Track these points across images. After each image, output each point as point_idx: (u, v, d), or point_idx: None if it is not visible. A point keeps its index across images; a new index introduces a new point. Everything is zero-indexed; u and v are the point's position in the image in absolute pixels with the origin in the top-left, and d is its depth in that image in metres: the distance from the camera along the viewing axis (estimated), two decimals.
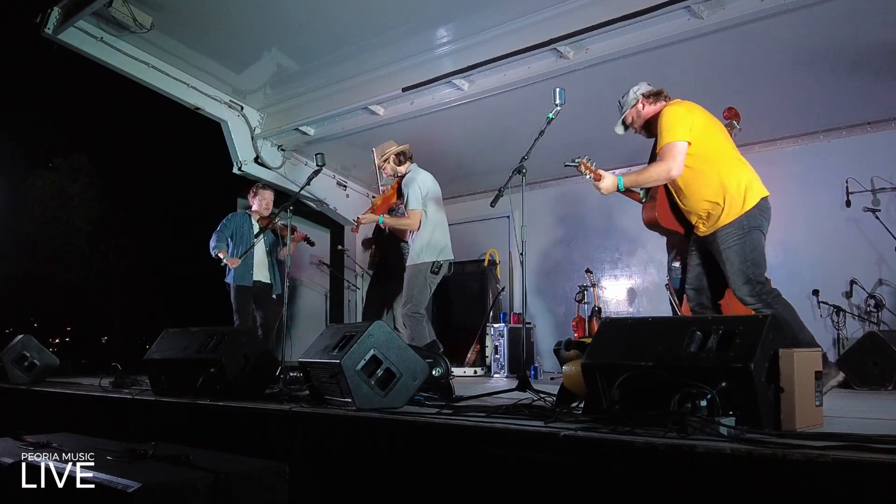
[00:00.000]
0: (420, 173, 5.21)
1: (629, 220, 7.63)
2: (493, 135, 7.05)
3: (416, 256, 5.05)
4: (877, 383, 4.65)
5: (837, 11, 4.86)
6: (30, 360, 5.57)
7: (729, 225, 3.43)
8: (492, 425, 2.49)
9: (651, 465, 2.00)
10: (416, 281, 4.98)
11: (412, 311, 4.94)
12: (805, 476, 1.75)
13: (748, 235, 3.40)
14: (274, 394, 3.90)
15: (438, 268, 4.97)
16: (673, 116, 3.49)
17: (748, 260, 3.39)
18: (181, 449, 2.64)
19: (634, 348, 2.52)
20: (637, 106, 3.76)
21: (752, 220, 3.42)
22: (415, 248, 5.09)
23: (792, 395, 2.23)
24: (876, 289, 5.89)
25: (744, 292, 3.38)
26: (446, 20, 6.07)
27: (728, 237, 3.43)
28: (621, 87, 3.71)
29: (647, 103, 3.72)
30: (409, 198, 5.08)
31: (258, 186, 6.52)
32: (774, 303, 3.33)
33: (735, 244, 3.40)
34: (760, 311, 3.33)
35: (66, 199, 19.37)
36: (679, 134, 3.44)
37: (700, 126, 3.48)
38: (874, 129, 5.99)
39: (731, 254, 3.41)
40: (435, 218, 5.09)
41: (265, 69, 7.18)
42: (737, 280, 3.40)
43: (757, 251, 3.41)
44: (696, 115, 3.51)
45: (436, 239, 5.03)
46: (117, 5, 6.11)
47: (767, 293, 3.37)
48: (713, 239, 3.51)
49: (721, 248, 3.46)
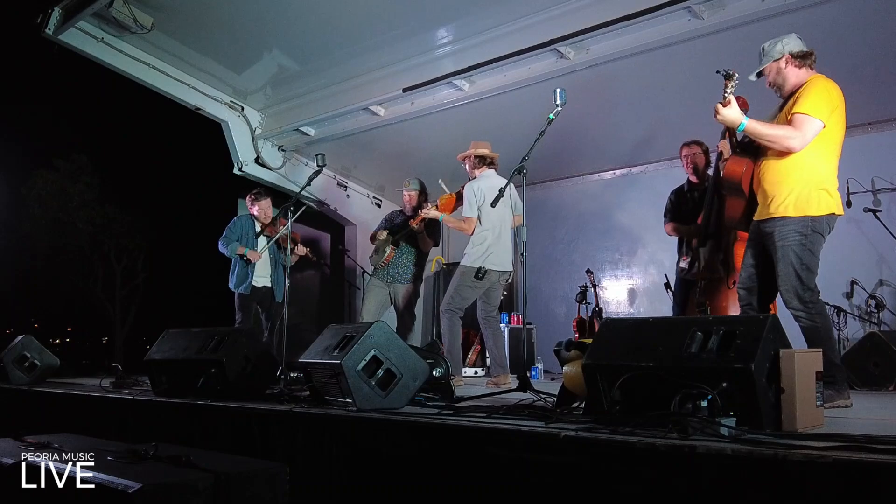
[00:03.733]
0: (484, 181, 5.27)
1: (630, 220, 7.64)
2: (493, 135, 7.01)
3: (465, 258, 5.25)
4: (877, 384, 4.65)
5: (837, 12, 4.86)
6: (30, 361, 5.58)
7: (794, 220, 3.29)
8: (492, 426, 2.49)
9: (652, 466, 2.00)
10: (459, 281, 5.19)
11: (449, 307, 5.17)
12: (806, 477, 1.75)
13: (810, 238, 3.27)
14: (274, 394, 3.91)
15: (483, 274, 5.11)
16: (825, 93, 3.28)
17: (804, 263, 3.26)
18: (182, 449, 2.64)
19: (635, 349, 2.52)
20: (780, 62, 3.42)
21: (817, 226, 3.29)
22: (467, 251, 5.29)
23: (793, 396, 2.23)
24: (876, 289, 5.89)
25: (791, 295, 3.27)
26: (447, 21, 6.07)
27: (789, 233, 3.29)
28: (621, 88, 3.71)
29: (792, 64, 3.41)
30: (464, 204, 5.29)
31: (254, 196, 6.43)
32: (818, 315, 3.25)
33: (795, 243, 3.27)
34: (802, 318, 3.24)
35: (66, 200, 19.40)
36: (822, 113, 3.25)
37: (837, 115, 3.31)
38: (874, 130, 5.99)
39: (788, 251, 3.28)
40: (489, 226, 5.20)
41: (266, 70, 7.18)
42: (787, 281, 3.27)
43: (815, 257, 3.30)
44: (841, 102, 3.33)
45: (484, 247, 5.16)
46: (118, 6, 6.11)
47: (814, 303, 3.26)
48: (772, 230, 3.35)
49: (778, 243, 3.32)
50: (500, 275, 5.24)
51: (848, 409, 3.14)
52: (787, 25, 4.92)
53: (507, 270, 5.29)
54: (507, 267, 5.29)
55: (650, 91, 6.18)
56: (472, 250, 5.19)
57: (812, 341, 3.24)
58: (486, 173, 5.33)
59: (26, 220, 18.90)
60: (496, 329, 5.32)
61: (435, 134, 7.23)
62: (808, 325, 3.26)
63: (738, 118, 3.34)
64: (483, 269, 5.10)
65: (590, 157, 7.60)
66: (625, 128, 6.92)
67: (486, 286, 5.20)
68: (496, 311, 5.37)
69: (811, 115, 3.24)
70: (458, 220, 5.38)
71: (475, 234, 5.22)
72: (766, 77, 3.52)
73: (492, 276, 5.17)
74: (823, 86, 3.32)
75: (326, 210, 8.67)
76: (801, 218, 3.29)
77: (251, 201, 6.43)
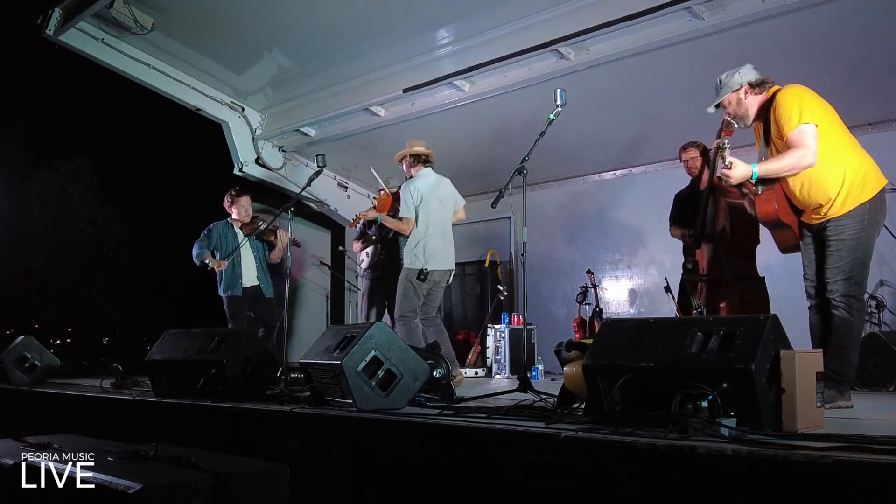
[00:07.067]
0: (421, 180, 5.22)
1: (630, 220, 7.63)
2: (493, 136, 7.05)
3: (406, 261, 5.18)
4: (878, 384, 4.65)
5: (838, 12, 4.86)
6: (31, 361, 5.58)
7: (846, 216, 3.23)
8: (493, 426, 2.49)
9: (652, 467, 2.00)
10: (401, 285, 5.12)
11: (400, 314, 5.08)
12: (806, 477, 1.75)
13: (865, 231, 3.22)
14: (275, 395, 3.91)
15: (425, 275, 5.05)
16: (794, 100, 3.27)
17: (857, 258, 3.21)
18: (182, 450, 2.64)
19: (635, 349, 2.52)
20: (739, 92, 3.46)
21: (872, 213, 3.23)
22: (406, 253, 5.23)
23: (793, 396, 2.23)
24: (877, 290, 5.87)
25: (838, 286, 3.21)
26: (447, 21, 6.07)
27: (845, 228, 3.23)
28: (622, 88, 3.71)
29: (750, 93, 3.45)
30: (401, 204, 5.20)
31: (233, 194, 6.29)
32: (856, 313, 3.22)
33: (850, 237, 3.22)
34: (840, 308, 3.20)
35: (67, 200, 19.42)
36: (805, 116, 3.21)
37: (819, 106, 3.28)
38: (875, 130, 5.97)
39: (842, 245, 3.23)
40: (427, 225, 5.12)
41: (266, 70, 7.18)
42: (836, 273, 3.22)
43: (868, 252, 3.26)
44: (808, 92, 3.31)
45: (425, 246, 5.09)
46: (118, 6, 6.11)
47: (857, 299, 3.22)
48: (824, 226, 3.31)
49: (831, 238, 3.27)
50: (442, 274, 5.19)
51: (848, 409, 3.14)
52: (788, 25, 4.95)
53: (450, 269, 5.25)
54: (450, 265, 5.25)
55: (650, 91, 6.18)
56: (412, 251, 5.12)
57: (840, 335, 3.21)
58: (422, 172, 5.27)
59: (26, 220, 18.91)
60: (438, 327, 5.24)
61: (435, 134, 7.22)
62: (843, 317, 3.22)
63: (748, 171, 3.35)
64: (425, 270, 5.05)
65: (590, 158, 7.59)
66: (625, 128, 6.91)
67: (430, 286, 5.14)
68: (435, 311, 5.30)
69: (799, 125, 3.23)
70: (396, 220, 5.32)
71: (413, 234, 5.14)
72: (724, 109, 3.55)
73: (434, 276, 5.12)
74: (790, 94, 3.32)
75: (326, 210, 8.67)
76: (853, 211, 3.24)
77: (230, 202, 6.26)
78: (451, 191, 5.38)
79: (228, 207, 6.31)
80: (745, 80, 3.44)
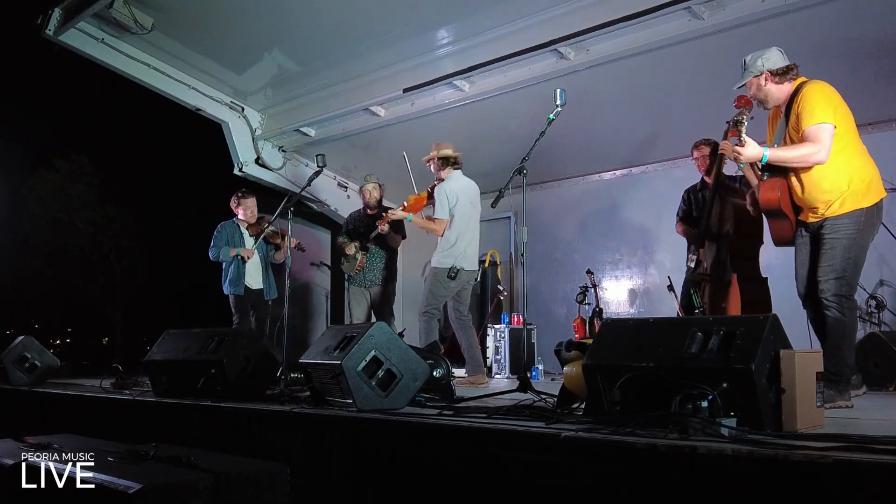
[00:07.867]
0: (454, 182, 5.33)
1: (630, 220, 7.63)
2: (493, 136, 7.05)
3: (436, 260, 5.29)
4: (878, 384, 4.64)
5: (838, 12, 4.85)
6: (31, 362, 5.59)
7: (845, 216, 3.26)
8: (493, 426, 2.49)
9: (652, 467, 1.99)
10: (432, 282, 5.23)
11: (424, 309, 5.22)
12: (806, 477, 1.75)
13: (861, 234, 3.25)
14: (275, 395, 3.91)
15: (455, 273, 5.17)
16: (821, 96, 3.27)
17: (851, 259, 3.23)
18: (182, 450, 2.64)
19: (635, 349, 2.52)
20: (760, 79, 3.44)
21: (869, 218, 3.26)
22: (437, 252, 5.32)
23: (793, 396, 2.23)
24: (877, 289, 5.87)
25: (829, 286, 3.22)
26: (447, 21, 6.07)
27: (841, 227, 3.26)
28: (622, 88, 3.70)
29: (771, 80, 3.42)
30: (437, 205, 5.30)
31: (240, 196, 6.42)
32: (847, 312, 3.22)
33: (846, 237, 3.24)
34: (832, 309, 3.21)
35: (67, 200, 19.43)
36: (828, 116, 3.23)
37: (842, 109, 3.30)
38: (875, 130, 5.97)
39: (837, 244, 3.24)
40: (461, 227, 5.26)
41: (266, 70, 7.18)
42: (828, 271, 3.24)
43: (862, 254, 3.27)
44: (836, 95, 3.32)
45: (458, 246, 5.22)
46: (118, 6, 6.12)
47: (848, 298, 3.23)
48: (821, 224, 3.33)
49: (827, 236, 3.28)
50: (470, 274, 5.31)
51: (848, 409, 3.14)
52: (787, 26, 4.94)
53: (476, 269, 5.42)
54: (476, 266, 5.43)
55: (650, 91, 6.17)
56: (445, 251, 5.24)
57: (834, 335, 3.22)
58: (453, 174, 5.37)
59: (26, 220, 18.91)
60: (468, 328, 5.35)
61: (435, 134, 7.21)
62: (835, 317, 3.23)
63: (760, 152, 3.35)
64: (455, 268, 5.16)
65: (590, 158, 7.59)
66: (625, 128, 6.91)
67: (459, 286, 5.26)
68: (467, 310, 5.42)
69: (820, 122, 3.23)
70: (428, 221, 5.42)
71: (446, 234, 5.25)
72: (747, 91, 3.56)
73: (463, 276, 5.23)
74: (818, 89, 3.33)
75: (326, 210, 8.67)
76: (852, 212, 3.26)
77: (237, 203, 6.40)
78: (478, 193, 5.50)
79: (235, 208, 6.44)
80: (767, 68, 3.42)
